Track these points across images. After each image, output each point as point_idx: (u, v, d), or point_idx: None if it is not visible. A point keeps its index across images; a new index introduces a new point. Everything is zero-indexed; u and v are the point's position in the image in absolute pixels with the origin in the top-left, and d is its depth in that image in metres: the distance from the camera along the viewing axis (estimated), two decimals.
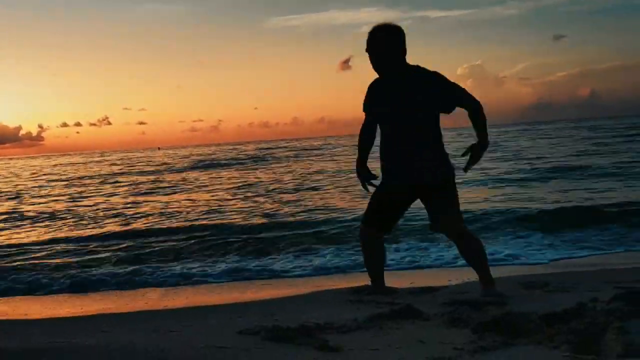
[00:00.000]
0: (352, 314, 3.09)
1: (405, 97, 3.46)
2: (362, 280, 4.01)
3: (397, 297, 3.58)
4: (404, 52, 3.51)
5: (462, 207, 3.60)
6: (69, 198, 15.29)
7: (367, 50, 3.57)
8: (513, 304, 3.06)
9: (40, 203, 14.41)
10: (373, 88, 3.66)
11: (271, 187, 14.90)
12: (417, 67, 3.54)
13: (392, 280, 4.07)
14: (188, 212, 10.56)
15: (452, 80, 3.51)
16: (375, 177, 3.70)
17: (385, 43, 3.48)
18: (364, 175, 3.72)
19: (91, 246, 7.54)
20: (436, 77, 3.49)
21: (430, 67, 3.54)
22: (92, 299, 4.96)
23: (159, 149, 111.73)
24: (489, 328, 2.53)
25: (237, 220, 9.21)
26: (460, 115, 3.59)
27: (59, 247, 7.57)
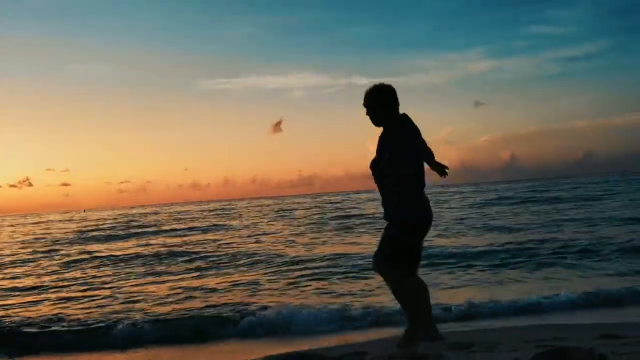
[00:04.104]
0: None
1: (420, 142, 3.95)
2: None
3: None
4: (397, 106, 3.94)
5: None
6: None
7: (365, 105, 3.98)
8: None
9: None
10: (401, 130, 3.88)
11: None
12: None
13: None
14: None
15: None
16: None
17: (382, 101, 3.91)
18: None
19: None
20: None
21: (357, 132, 3.92)
22: None
23: (84, 211, 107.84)
24: None
25: None
26: None
27: None
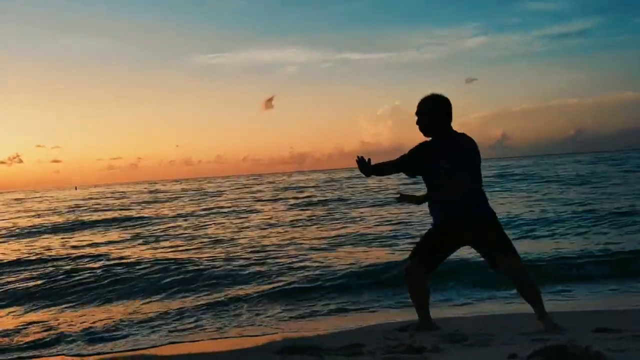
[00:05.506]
0: None
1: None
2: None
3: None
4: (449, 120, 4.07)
5: None
6: None
7: (416, 114, 4.13)
8: None
9: None
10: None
11: None
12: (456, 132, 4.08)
13: None
14: None
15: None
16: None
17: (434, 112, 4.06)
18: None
19: None
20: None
21: (352, 107, 4.14)
22: None
23: (75, 188, 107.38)
24: None
25: None
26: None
27: None
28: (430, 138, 4.15)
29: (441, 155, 3.98)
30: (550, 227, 11.13)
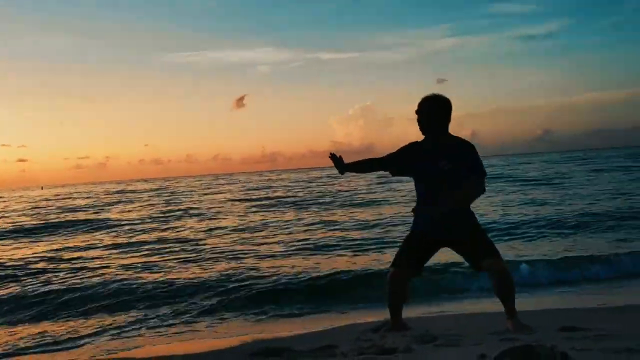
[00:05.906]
0: None
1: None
2: None
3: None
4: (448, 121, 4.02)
5: None
6: None
7: (417, 112, 4.07)
8: None
9: None
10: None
11: None
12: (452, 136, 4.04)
13: None
14: None
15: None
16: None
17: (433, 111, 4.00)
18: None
19: None
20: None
21: (324, 107, 4.01)
22: None
23: (42, 188, 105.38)
24: None
25: None
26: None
27: None
28: (424, 138, 4.10)
29: (441, 156, 3.94)
30: (508, 229, 11.31)
